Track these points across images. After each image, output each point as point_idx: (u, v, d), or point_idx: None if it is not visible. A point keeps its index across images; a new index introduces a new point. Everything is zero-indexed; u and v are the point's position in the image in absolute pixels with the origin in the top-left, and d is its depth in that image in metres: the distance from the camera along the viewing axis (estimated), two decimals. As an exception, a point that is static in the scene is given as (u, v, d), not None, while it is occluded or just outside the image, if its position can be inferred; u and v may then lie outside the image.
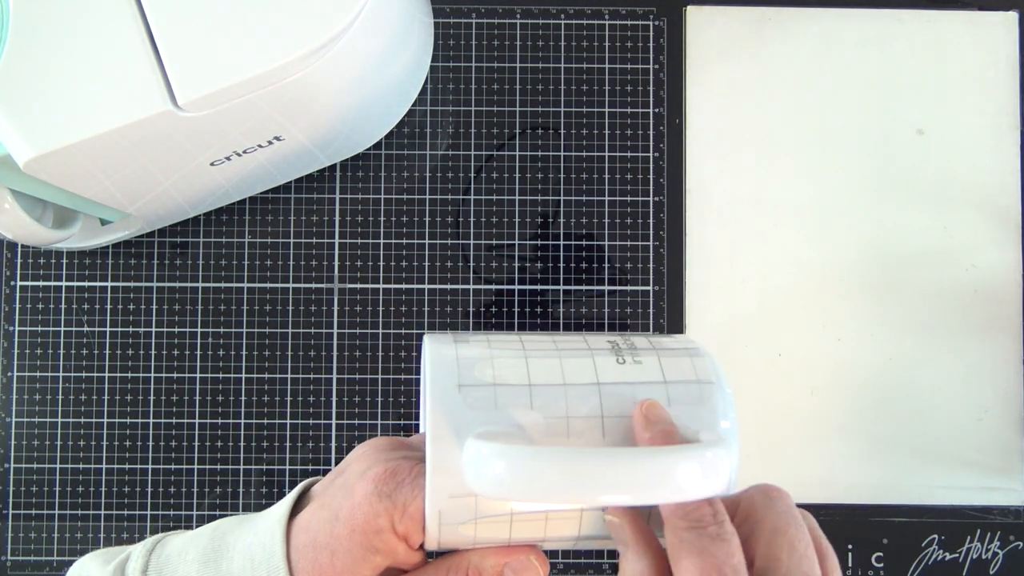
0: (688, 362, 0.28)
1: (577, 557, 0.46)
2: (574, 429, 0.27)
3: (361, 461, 0.29)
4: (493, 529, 0.27)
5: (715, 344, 0.47)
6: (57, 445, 0.47)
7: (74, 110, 0.33)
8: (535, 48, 0.48)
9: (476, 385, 0.27)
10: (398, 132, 0.48)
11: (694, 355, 0.29)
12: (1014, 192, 0.48)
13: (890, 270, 0.48)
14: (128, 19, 0.33)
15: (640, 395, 0.27)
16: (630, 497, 0.24)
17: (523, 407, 0.27)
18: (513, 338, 0.30)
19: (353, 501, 0.28)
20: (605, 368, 0.28)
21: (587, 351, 0.29)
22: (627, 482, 0.24)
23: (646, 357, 0.28)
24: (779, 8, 0.48)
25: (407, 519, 0.27)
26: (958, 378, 0.48)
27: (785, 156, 0.48)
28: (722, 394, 0.28)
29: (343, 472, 0.30)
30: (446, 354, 0.28)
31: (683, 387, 0.28)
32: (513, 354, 0.28)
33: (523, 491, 0.24)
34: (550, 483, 0.23)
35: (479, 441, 0.25)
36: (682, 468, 0.24)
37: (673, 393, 0.27)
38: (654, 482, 0.24)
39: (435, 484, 0.26)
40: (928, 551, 0.47)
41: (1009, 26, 0.49)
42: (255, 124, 0.37)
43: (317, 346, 0.47)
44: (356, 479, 0.29)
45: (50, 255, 0.47)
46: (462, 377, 0.27)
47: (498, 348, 0.28)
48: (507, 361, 0.28)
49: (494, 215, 0.48)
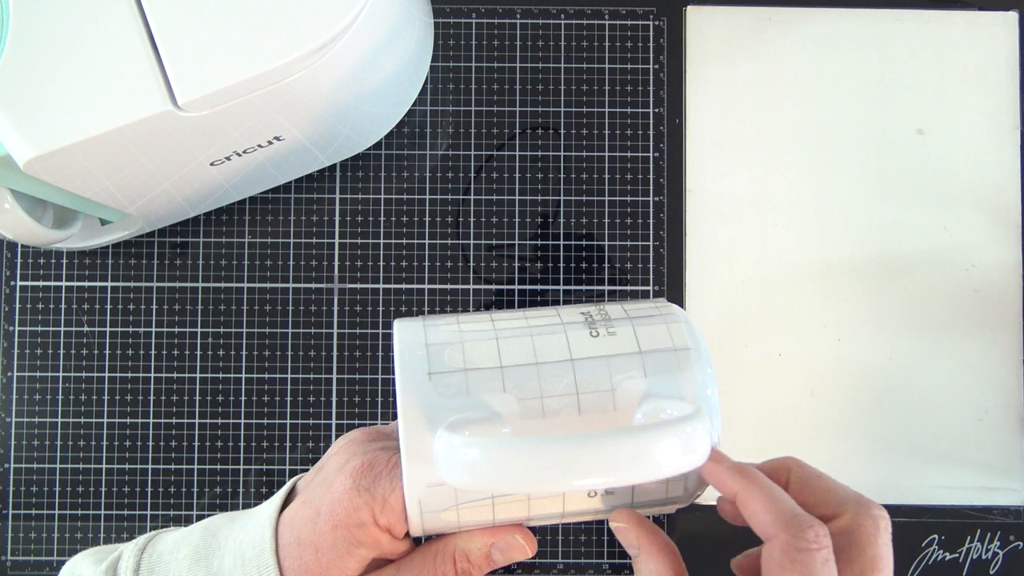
0: (664, 328, 0.28)
1: (577, 557, 0.46)
2: (549, 408, 0.26)
3: (340, 455, 0.29)
4: (476, 512, 0.27)
5: (715, 344, 0.47)
6: (57, 445, 0.47)
7: (74, 110, 0.33)
8: (535, 48, 0.48)
9: (446, 372, 0.26)
10: (398, 132, 0.48)
11: (670, 320, 0.28)
12: (1014, 192, 0.48)
13: (890, 270, 0.48)
14: (128, 19, 0.33)
15: (616, 368, 0.27)
16: (607, 480, 0.24)
17: (495, 390, 0.26)
18: (483, 317, 0.29)
19: (333, 496, 0.28)
20: (578, 343, 0.27)
21: (560, 326, 0.28)
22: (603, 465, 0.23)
23: (620, 327, 0.28)
24: (779, 8, 0.48)
25: (388, 511, 0.27)
26: (958, 378, 0.48)
27: (785, 156, 0.48)
28: (700, 360, 0.27)
29: (323, 467, 0.30)
30: (415, 340, 0.27)
31: (659, 356, 0.27)
32: (483, 336, 0.27)
33: (497, 482, 0.23)
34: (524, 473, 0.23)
35: (449, 433, 0.24)
36: (658, 446, 0.23)
37: (649, 364, 0.27)
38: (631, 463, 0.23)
39: (411, 475, 0.26)
40: (928, 551, 0.47)
41: (1009, 26, 0.49)
42: (255, 124, 0.37)
43: (317, 346, 0.47)
44: (335, 474, 0.29)
45: (50, 255, 0.47)
46: (432, 364, 0.26)
47: (468, 330, 0.28)
48: (477, 344, 0.27)
49: (494, 215, 0.48)
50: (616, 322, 0.28)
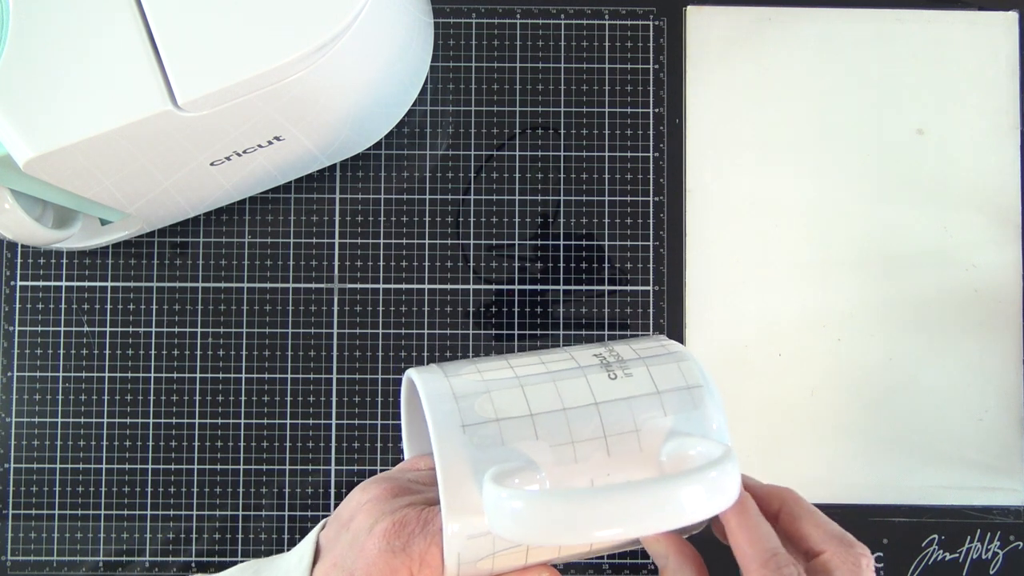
0: (675, 368, 0.29)
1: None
2: (580, 455, 0.27)
3: (366, 515, 0.29)
4: (511, 559, 0.28)
5: (715, 344, 0.47)
6: (57, 445, 0.47)
7: (74, 110, 0.33)
8: (535, 48, 0.48)
9: (480, 423, 0.27)
10: (398, 132, 0.48)
11: (679, 359, 0.29)
12: (1014, 192, 0.48)
13: (890, 270, 0.48)
14: (128, 19, 0.33)
15: (637, 410, 0.28)
16: (655, 527, 0.24)
17: (528, 439, 0.27)
18: (501, 363, 0.30)
19: (367, 560, 0.28)
20: (599, 386, 0.28)
21: (578, 370, 0.29)
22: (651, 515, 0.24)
23: (635, 368, 0.29)
24: (779, 8, 0.48)
25: (425, 568, 0.27)
26: (958, 378, 0.48)
27: (785, 156, 0.48)
28: (712, 396, 0.29)
29: (347, 525, 0.30)
30: (442, 392, 0.28)
31: (676, 395, 0.28)
32: (508, 384, 0.28)
33: (546, 534, 0.24)
34: (571, 524, 0.24)
35: (496, 486, 0.25)
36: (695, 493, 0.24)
37: (667, 402, 0.28)
38: (671, 513, 0.24)
39: (452, 530, 0.26)
40: (928, 551, 0.47)
41: (1009, 26, 0.49)
42: (255, 124, 0.37)
43: (317, 346, 0.47)
44: (365, 536, 0.28)
45: (50, 255, 0.47)
46: (464, 416, 0.27)
47: (491, 378, 0.29)
48: (504, 393, 0.28)
49: (494, 215, 0.48)
50: (630, 363, 0.29)
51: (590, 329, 0.47)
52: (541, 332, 0.47)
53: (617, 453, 0.27)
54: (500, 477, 0.25)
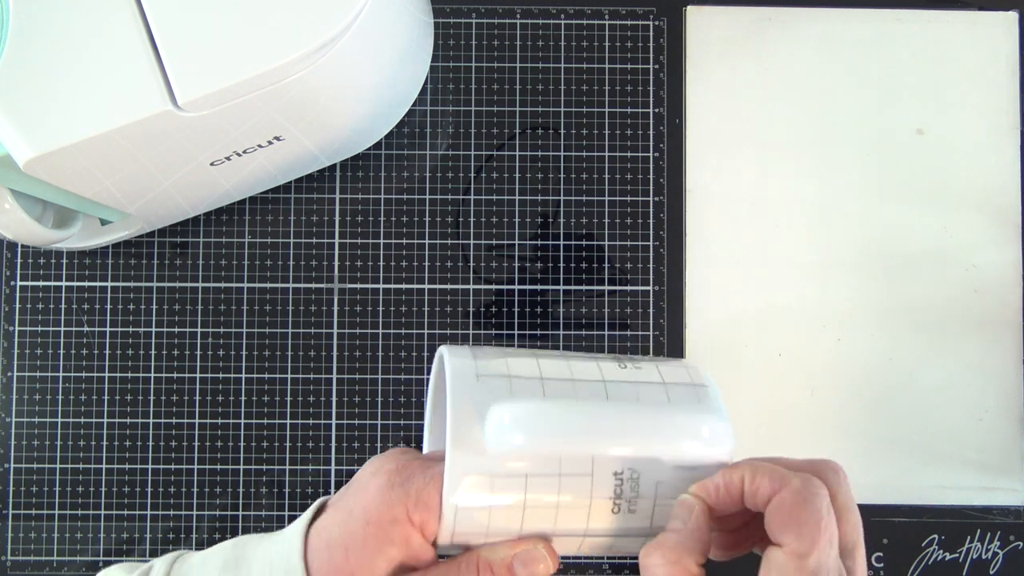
0: (683, 370, 0.31)
1: (577, 557, 0.46)
2: None
3: (372, 465, 0.30)
4: (505, 518, 0.28)
5: (715, 344, 0.47)
6: (57, 445, 0.47)
7: (74, 110, 0.33)
8: (535, 48, 0.48)
9: (493, 376, 0.29)
10: (398, 132, 0.48)
11: (688, 366, 0.32)
12: (1014, 192, 0.48)
13: (890, 270, 0.48)
14: (128, 19, 0.34)
15: (643, 392, 0.29)
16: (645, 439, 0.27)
17: (536, 395, 0.29)
18: (526, 350, 0.32)
19: (367, 495, 0.29)
20: (609, 370, 0.30)
21: (592, 358, 0.31)
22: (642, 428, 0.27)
23: (645, 364, 0.31)
24: (779, 8, 0.48)
25: (422, 506, 0.28)
26: (958, 378, 0.48)
27: (785, 156, 0.48)
28: (717, 396, 0.30)
29: (355, 480, 0.31)
30: (464, 355, 0.30)
31: (681, 388, 0.30)
32: (525, 355, 0.31)
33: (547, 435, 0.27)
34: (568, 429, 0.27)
35: (499, 405, 0.27)
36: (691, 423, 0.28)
37: (672, 393, 0.30)
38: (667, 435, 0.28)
39: (454, 459, 0.27)
40: (928, 551, 0.47)
41: (1009, 26, 0.49)
42: (255, 124, 0.37)
43: (317, 346, 0.47)
44: (369, 478, 0.29)
45: (50, 255, 0.47)
46: (479, 369, 0.29)
47: (512, 353, 0.31)
48: (520, 360, 0.30)
49: (494, 215, 0.48)
50: (643, 363, 0.32)
51: (590, 329, 0.47)
52: (541, 332, 0.47)
53: None
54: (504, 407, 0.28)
